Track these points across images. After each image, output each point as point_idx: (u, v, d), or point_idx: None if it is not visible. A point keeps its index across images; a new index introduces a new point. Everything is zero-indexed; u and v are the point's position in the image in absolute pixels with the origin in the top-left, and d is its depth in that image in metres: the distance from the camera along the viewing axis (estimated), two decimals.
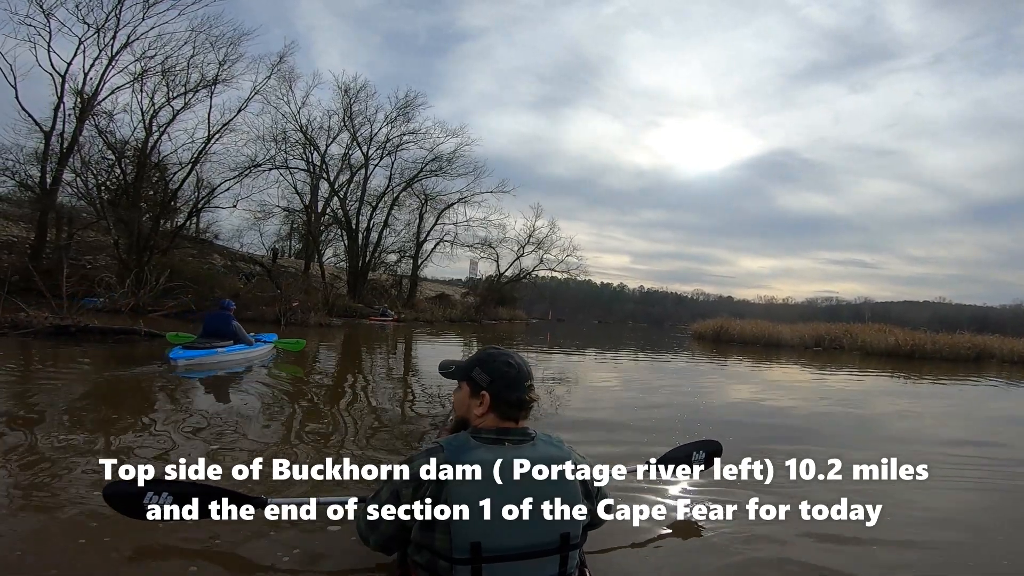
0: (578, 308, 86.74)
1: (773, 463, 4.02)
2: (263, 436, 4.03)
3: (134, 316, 13.04)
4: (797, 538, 2.70)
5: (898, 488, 3.30)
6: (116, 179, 18.89)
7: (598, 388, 8.44)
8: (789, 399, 8.45)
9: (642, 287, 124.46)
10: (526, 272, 36.44)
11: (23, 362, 6.56)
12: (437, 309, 30.99)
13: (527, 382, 1.57)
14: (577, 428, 5.03)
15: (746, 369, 13.60)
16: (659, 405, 6.73)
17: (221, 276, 17.45)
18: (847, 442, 5.33)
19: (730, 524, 2.79)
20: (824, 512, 2.88)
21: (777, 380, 11.38)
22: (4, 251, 18.83)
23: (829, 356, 19.37)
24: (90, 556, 2.01)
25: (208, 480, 2.02)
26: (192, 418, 4.36)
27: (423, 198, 30.73)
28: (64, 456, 3.25)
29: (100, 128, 17.78)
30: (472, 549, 1.35)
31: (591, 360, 13.60)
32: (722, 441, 2.97)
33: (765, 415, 6.71)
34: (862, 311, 65.80)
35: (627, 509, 2.09)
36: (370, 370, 8.94)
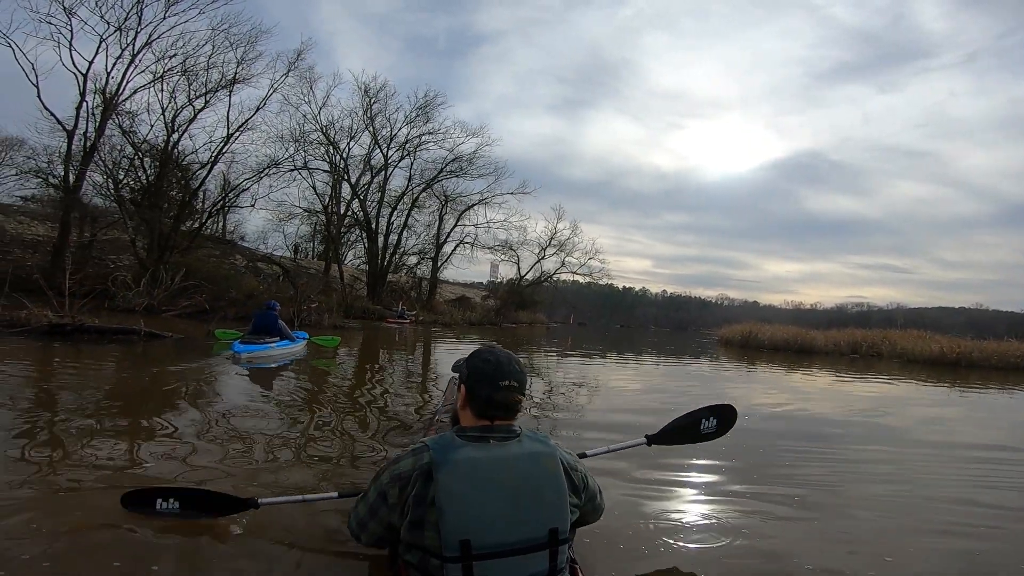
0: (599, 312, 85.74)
1: (788, 468, 3.82)
2: (277, 430, 4.13)
3: (148, 316, 12.96)
4: (800, 544, 2.63)
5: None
6: (139, 179, 18.95)
7: (618, 392, 7.97)
8: (821, 406, 7.98)
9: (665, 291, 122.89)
10: (547, 275, 35.92)
11: (72, 361, 6.50)
12: (456, 312, 30.66)
13: (504, 381, 1.52)
14: (593, 430, 4.80)
15: (776, 375, 12.87)
16: (681, 410, 6.16)
17: (237, 276, 17.30)
18: (878, 452, 4.99)
19: (730, 524, 2.77)
20: (833, 521, 2.97)
21: (810, 387, 10.71)
22: (29, 250, 19.16)
23: (867, 363, 18.39)
24: (91, 551, 2.05)
25: (206, 485, 2.44)
26: (224, 411, 4.65)
27: (443, 199, 30.49)
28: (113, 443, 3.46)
29: (124, 128, 17.85)
30: (462, 547, 1.35)
31: (612, 364, 13.00)
32: (744, 447, 2.69)
33: (794, 423, 6.26)
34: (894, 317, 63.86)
35: (622, 504, 2.36)
36: (384, 370, 8.60)
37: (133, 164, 18.58)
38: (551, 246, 34.31)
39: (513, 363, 1.57)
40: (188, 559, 2.09)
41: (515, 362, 1.58)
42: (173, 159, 18.70)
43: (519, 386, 1.55)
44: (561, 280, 38.95)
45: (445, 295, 35.60)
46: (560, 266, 35.25)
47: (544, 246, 34.29)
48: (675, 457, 3.90)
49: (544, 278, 36.09)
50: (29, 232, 20.37)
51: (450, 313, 29.82)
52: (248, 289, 16.34)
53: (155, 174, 18.57)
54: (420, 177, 29.03)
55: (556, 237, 34.23)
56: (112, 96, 17.00)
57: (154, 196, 18.39)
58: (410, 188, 28.91)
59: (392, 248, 29.22)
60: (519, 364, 1.59)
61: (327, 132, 25.19)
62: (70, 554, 2.03)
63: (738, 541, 2.61)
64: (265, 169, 21.02)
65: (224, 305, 14.79)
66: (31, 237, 19.97)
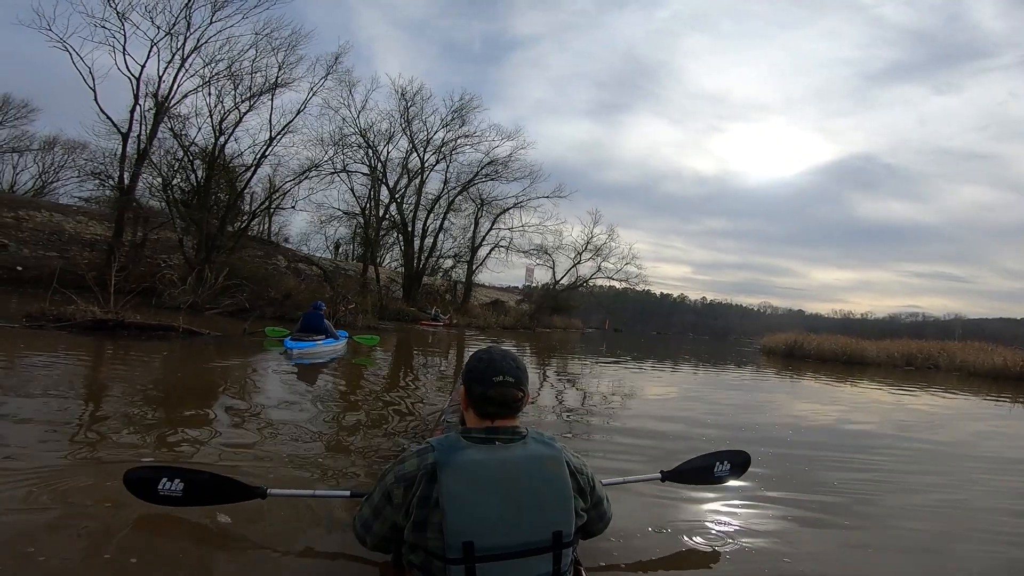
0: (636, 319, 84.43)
1: (825, 477, 3.78)
2: (305, 423, 4.15)
3: (192, 313, 13.38)
4: (828, 553, 2.56)
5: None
6: (188, 181, 19.67)
7: (652, 401, 7.66)
8: (868, 417, 7.61)
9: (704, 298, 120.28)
10: (583, 280, 35.46)
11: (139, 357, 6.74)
12: (490, 315, 30.65)
13: (497, 377, 1.50)
14: (620, 439, 4.66)
15: (822, 386, 12.22)
16: (715, 420, 5.96)
17: (277, 276, 17.70)
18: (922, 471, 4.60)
19: (753, 531, 2.68)
20: (866, 531, 2.86)
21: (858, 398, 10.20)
22: (86, 249, 20.19)
23: (923, 376, 17.31)
24: (92, 540, 2.02)
25: (216, 468, 2.29)
26: (259, 403, 4.81)
27: (478, 202, 30.55)
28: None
29: (175, 131, 18.56)
30: (465, 548, 1.33)
31: (648, 372, 12.60)
32: (781, 456, 2.50)
33: (837, 434, 5.93)
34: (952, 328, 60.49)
35: (631, 513, 2.31)
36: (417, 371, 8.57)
37: (183, 166, 19.30)
38: (587, 251, 33.92)
39: (508, 360, 1.55)
40: (186, 544, 2.05)
41: (511, 359, 1.56)
42: (220, 161, 19.31)
43: (515, 382, 1.52)
44: (597, 285, 38.43)
45: (480, 298, 35.65)
46: (596, 271, 34.80)
47: (580, 250, 33.93)
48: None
49: (579, 283, 35.65)
50: (87, 232, 21.50)
51: (484, 316, 29.82)
52: (286, 289, 16.68)
53: (204, 176, 19.25)
54: (456, 180, 29.25)
55: (592, 242, 33.82)
56: (164, 100, 17.73)
57: (202, 197, 19.06)
58: (446, 191, 29.15)
59: (428, 251, 29.47)
60: (516, 361, 1.56)
61: (366, 135, 25.63)
62: (57, 530, 2.03)
63: (758, 546, 2.53)
64: (305, 172, 21.49)
65: (263, 304, 15.15)
66: (89, 236, 21.07)
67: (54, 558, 1.87)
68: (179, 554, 2.00)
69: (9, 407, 3.73)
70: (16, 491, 2.36)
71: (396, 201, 27.62)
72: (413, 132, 27.31)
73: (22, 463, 2.71)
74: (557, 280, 34.81)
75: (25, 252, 18.78)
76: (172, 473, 2.06)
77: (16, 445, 2.97)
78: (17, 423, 3.41)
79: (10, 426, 3.34)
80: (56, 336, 7.08)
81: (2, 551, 1.89)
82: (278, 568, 1.99)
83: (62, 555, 1.90)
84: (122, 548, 1.98)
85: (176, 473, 2.06)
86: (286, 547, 2.11)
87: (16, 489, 2.38)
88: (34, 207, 22.09)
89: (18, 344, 6.47)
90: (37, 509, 2.23)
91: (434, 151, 28.06)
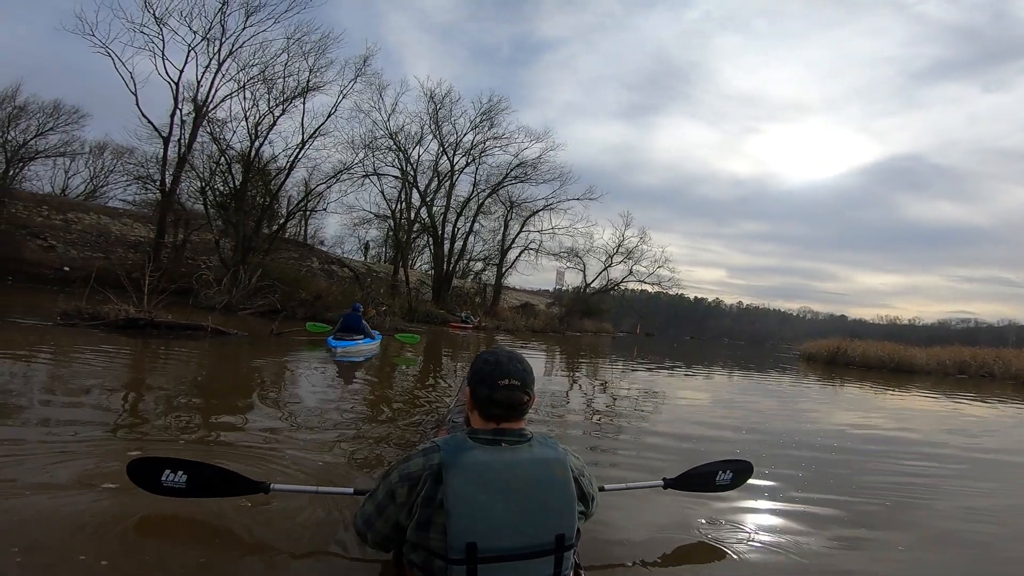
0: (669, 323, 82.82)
1: (859, 482, 3.60)
2: (325, 420, 4.19)
3: (226, 314, 13.65)
4: (852, 562, 2.47)
5: None
6: (226, 184, 20.18)
7: (683, 406, 7.36)
8: (914, 425, 7.24)
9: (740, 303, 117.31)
10: (614, 283, 34.87)
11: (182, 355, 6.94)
12: (519, 318, 30.46)
13: (503, 380, 1.48)
14: (646, 447, 4.47)
15: (866, 394, 11.62)
16: (749, 428, 5.69)
17: (308, 277, 17.94)
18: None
19: (750, 543, 2.56)
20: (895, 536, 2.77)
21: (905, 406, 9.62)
22: (131, 250, 20.96)
23: (976, 384, 16.30)
24: (96, 533, 2.02)
25: (222, 458, 2.30)
26: (284, 399, 5.02)
27: (508, 205, 30.44)
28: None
29: (214, 135, 19.09)
30: (467, 549, 1.33)
31: (679, 377, 12.17)
32: (813, 461, 3.04)
33: (880, 442, 5.61)
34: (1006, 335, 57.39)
35: (632, 516, 2.28)
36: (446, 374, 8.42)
37: (221, 169, 19.81)
38: (618, 253, 33.34)
39: (515, 362, 1.53)
40: (188, 539, 2.04)
41: (517, 361, 1.54)
42: (255, 165, 19.74)
43: (521, 385, 1.50)
44: (628, 289, 37.79)
45: (510, 301, 35.51)
46: (627, 274, 34.15)
47: (611, 253, 33.37)
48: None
49: (611, 286, 35.06)
50: (132, 233, 22.32)
51: (513, 319, 29.65)
52: (316, 290, 16.86)
53: (241, 179, 19.72)
54: (485, 183, 29.21)
55: (623, 245, 33.22)
56: (202, 104, 18.24)
57: (239, 200, 19.52)
58: (476, 193, 29.13)
59: (458, 253, 29.50)
60: (522, 364, 1.54)
61: (395, 138, 25.86)
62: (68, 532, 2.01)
63: (767, 549, 2.48)
64: (337, 174, 21.80)
65: (294, 305, 15.34)
66: (133, 238, 21.88)
67: (48, 547, 1.88)
68: (180, 549, 1.98)
69: (25, 400, 3.78)
70: (28, 480, 2.40)
71: (426, 204, 27.79)
72: (443, 135, 27.46)
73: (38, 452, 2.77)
74: (588, 283, 34.40)
75: (73, 253, 19.62)
76: (176, 465, 2.02)
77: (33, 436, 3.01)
78: (38, 415, 3.44)
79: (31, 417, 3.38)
80: (87, 334, 7.24)
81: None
82: (279, 565, 1.97)
83: (59, 544, 1.91)
84: (122, 544, 1.96)
85: (180, 465, 2.03)
86: (287, 544, 2.09)
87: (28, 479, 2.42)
88: (82, 210, 23.07)
89: (47, 341, 6.62)
90: (46, 504, 2.21)
91: (463, 153, 28.15)
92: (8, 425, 3.25)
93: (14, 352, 5.75)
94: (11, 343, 6.26)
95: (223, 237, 19.59)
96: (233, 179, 19.74)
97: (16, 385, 4.38)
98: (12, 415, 3.45)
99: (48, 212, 21.22)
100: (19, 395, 4.04)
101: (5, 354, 5.60)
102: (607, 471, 3.57)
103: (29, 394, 4.11)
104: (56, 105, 22.14)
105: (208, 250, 20.21)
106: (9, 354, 5.62)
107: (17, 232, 19.01)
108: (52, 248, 19.49)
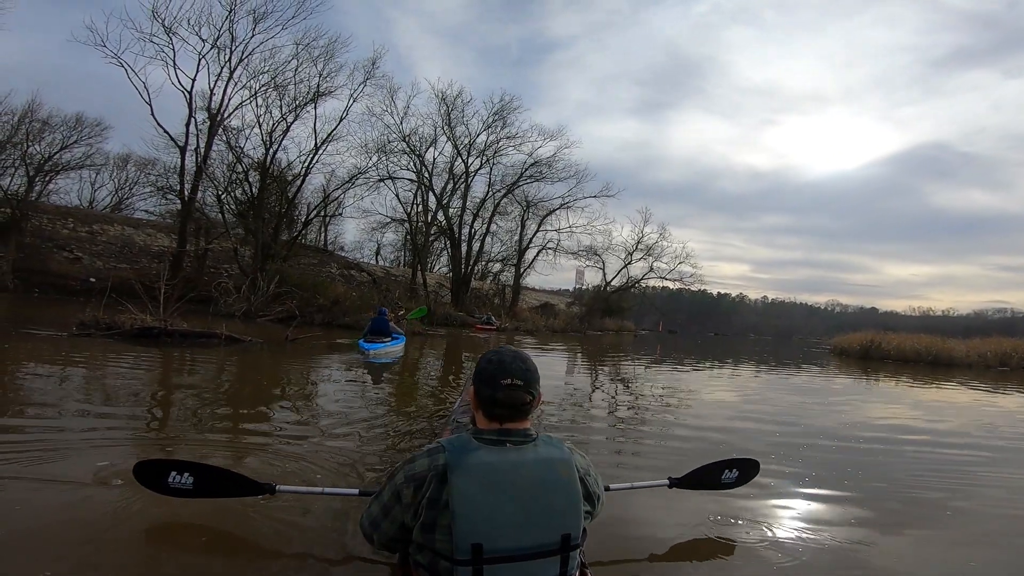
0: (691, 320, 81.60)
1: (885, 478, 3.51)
2: (340, 421, 4.24)
3: (246, 321, 13.67)
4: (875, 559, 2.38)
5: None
6: (244, 192, 20.34)
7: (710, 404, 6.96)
8: (953, 419, 6.93)
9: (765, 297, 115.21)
10: (634, 281, 34.31)
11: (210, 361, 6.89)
12: (539, 319, 30.11)
13: (506, 379, 1.46)
14: (672, 446, 4.32)
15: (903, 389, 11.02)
16: (780, 427, 5.38)
17: (325, 283, 17.90)
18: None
19: (758, 541, 2.49)
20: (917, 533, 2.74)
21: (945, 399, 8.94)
22: (155, 260, 21.26)
23: (1020, 377, 15.45)
24: (99, 533, 2.05)
25: (225, 464, 2.35)
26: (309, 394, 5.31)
27: (524, 204, 30.17)
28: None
29: (230, 144, 19.23)
30: (473, 550, 1.32)
31: (705, 375, 11.73)
32: (844, 461, 3.09)
33: (917, 439, 5.22)
34: None
35: (639, 515, 2.30)
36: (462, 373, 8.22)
37: (238, 177, 19.96)
38: (638, 250, 32.76)
39: (518, 362, 1.49)
40: (194, 541, 2.05)
41: (521, 360, 1.50)
42: (271, 172, 19.83)
43: (524, 385, 1.47)
44: (649, 286, 37.12)
45: (529, 302, 35.22)
46: (648, 271, 33.53)
47: (631, 250, 32.82)
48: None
49: (631, 284, 34.51)
50: (156, 243, 22.69)
51: (533, 320, 29.32)
52: (334, 295, 16.81)
53: (258, 186, 19.83)
54: (501, 183, 28.98)
55: (643, 241, 32.63)
56: (216, 112, 18.36)
57: (257, 208, 19.63)
58: (491, 193, 28.93)
59: (475, 255, 29.32)
60: (526, 363, 1.50)
61: (408, 140, 25.80)
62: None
63: (782, 551, 2.38)
64: (352, 178, 21.80)
65: (312, 311, 15.30)
66: (157, 248, 22.23)
67: (57, 542, 1.94)
68: (186, 550, 1.99)
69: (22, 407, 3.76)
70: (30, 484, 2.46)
71: (443, 207, 27.68)
72: (456, 136, 27.33)
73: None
74: (608, 281, 33.91)
75: (98, 264, 19.99)
76: (181, 467, 2.05)
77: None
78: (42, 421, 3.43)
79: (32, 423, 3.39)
80: (101, 344, 7.20)
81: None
82: (285, 567, 1.97)
83: (68, 541, 1.95)
84: (126, 544, 1.98)
85: (185, 467, 2.05)
86: (293, 545, 2.10)
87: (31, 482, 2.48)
88: (108, 221, 23.55)
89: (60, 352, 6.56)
90: (55, 505, 2.27)
91: (478, 154, 27.98)
92: (30, 426, 3.42)
93: (22, 363, 5.72)
94: (25, 354, 6.23)
95: (243, 245, 19.72)
96: (250, 187, 19.87)
97: (40, 391, 4.48)
98: (38, 417, 3.64)
99: (74, 224, 21.70)
100: (42, 401, 4.14)
101: (17, 364, 5.55)
102: (631, 472, 3.46)
103: (47, 401, 4.15)
104: (79, 118, 22.57)
105: (230, 258, 20.39)
106: (21, 364, 5.58)
107: (43, 245, 19.44)
108: (78, 260, 19.88)
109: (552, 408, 5.51)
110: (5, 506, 2.18)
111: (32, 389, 4.59)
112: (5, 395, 4.28)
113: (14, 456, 2.73)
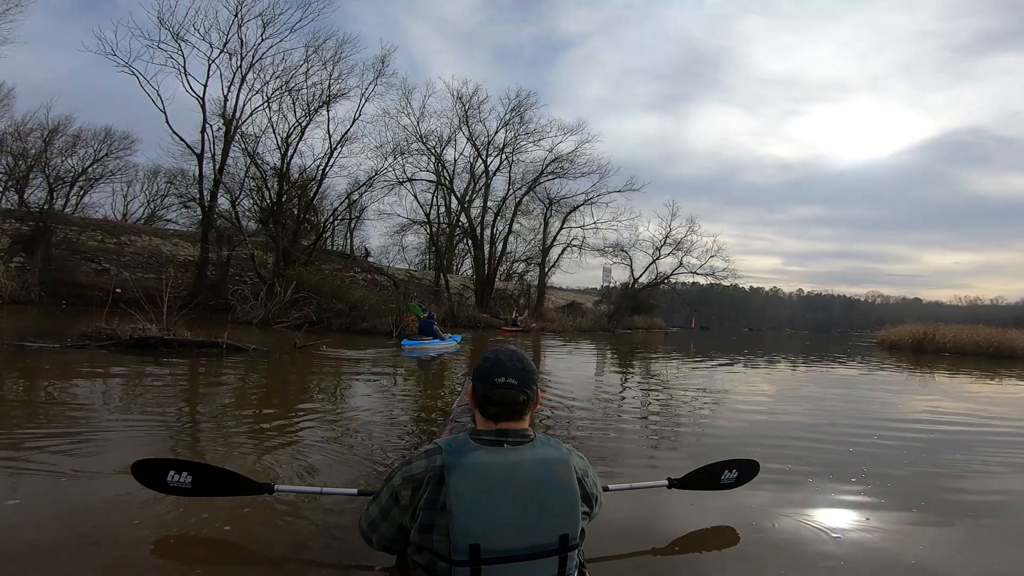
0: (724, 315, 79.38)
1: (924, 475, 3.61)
2: (351, 424, 4.21)
3: (263, 328, 13.38)
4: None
5: None
6: (263, 198, 20.22)
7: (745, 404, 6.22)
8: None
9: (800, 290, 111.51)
10: (663, 277, 33.15)
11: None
12: (566, 318, 29.37)
13: (500, 378, 1.46)
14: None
15: (969, 383, 9.90)
16: (832, 429, 4.83)
17: (344, 287, 17.53)
18: None
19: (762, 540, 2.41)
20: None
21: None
22: (180, 269, 21.38)
23: None
24: (104, 532, 2.06)
25: (223, 464, 2.29)
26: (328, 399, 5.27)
27: (547, 202, 29.46)
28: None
29: (248, 150, 19.11)
30: (471, 551, 1.33)
31: (750, 371, 10.85)
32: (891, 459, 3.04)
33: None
34: None
35: (639, 515, 2.42)
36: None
37: (257, 184, 19.84)
38: (666, 245, 31.60)
39: (514, 360, 1.49)
40: (192, 543, 2.04)
41: (517, 359, 1.50)
42: (288, 176, 19.65)
43: (518, 384, 1.46)
44: (679, 282, 35.91)
45: (555, 301, 34.50)
46: (678, 266, 32.31)
47: (659, 246, 31.68)
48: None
49: (660, 280, 33.36)
50: (181, 253, 22.85)
51: (559, 320, 28.59)
52: (352, 300, 16.44)
53: (276, 192, 19.68)
54: (521, 180, 28.34)
55: (671, 236, 31.44)
56: (231, 119, 18.23)
57: (276, 214, 19.48)
58: (512, 192, 28.32)
59: (499, 255, 28.76)
60: (522, 362, 1.49)
61: (425, 141, 25.41)
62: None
63: (784, 551, 2.31)
64: (370, 179, 21.53)
65: (330, 316, 14.96)
66: (183, 257, 22.37)
67: (54, 543, 1.95)
68: (184, 550, 1.99)
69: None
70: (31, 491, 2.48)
71: (464, 208, 27.22)
72: (474, 135, 26.83)
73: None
74: (636, 278, 32.87)
75: (125, 275, 20.15)
76: (180, 466, 2.05)
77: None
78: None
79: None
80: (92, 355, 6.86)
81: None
82: (283, 567, 1.97)
83: (64, 542, 1.97)
84: (124, 545, 1.98)
85: (184, 466, 2.06)
86: (292, 546, 2.09)
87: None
88: (135, 232, 23.85)
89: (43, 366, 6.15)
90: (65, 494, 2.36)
91: (497, 152, 27.42)
92: (41, 428, 3.47)
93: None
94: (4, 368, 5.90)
95: (264, 251, 19.60)
96: (268, 193, 19.72)
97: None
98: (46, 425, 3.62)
99: (102, 237, 22.00)
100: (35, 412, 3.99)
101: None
102: (651, 471, 3.39)
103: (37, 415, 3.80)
104: (107, 131, 22.92)
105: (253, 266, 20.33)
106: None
107: (71, 257, 19.69)
108: (106, 271, 20.09)
109: (580, 405, 5.53)
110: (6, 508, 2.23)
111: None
112: None
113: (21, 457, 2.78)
